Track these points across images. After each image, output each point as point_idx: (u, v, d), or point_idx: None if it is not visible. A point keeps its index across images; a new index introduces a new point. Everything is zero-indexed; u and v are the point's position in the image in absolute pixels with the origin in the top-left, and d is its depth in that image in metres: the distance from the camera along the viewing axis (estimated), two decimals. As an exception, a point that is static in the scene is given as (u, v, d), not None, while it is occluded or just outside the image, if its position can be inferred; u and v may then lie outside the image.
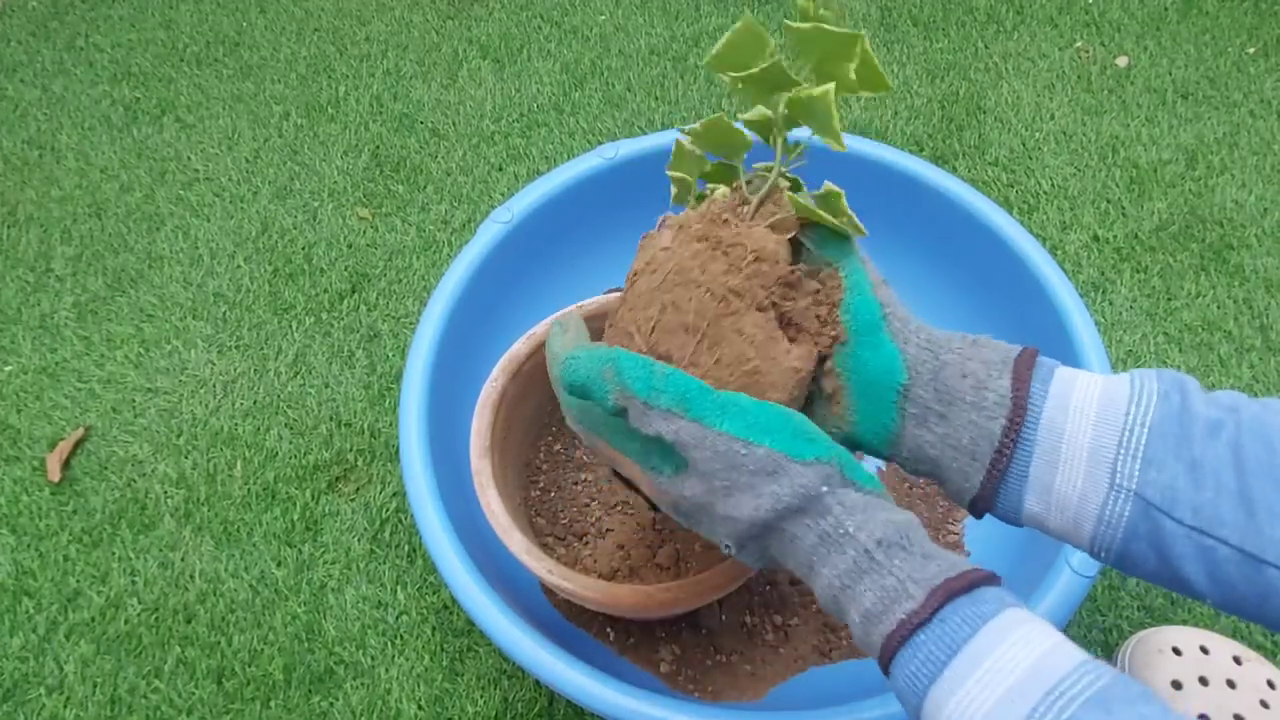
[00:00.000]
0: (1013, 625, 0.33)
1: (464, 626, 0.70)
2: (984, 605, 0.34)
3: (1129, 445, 0.35)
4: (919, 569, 0.35)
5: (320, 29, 1.17)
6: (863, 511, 0.36)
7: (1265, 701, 0.60)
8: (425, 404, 0.65)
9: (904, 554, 0.35)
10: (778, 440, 0.36)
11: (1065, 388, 0.37)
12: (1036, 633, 0.33)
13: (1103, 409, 0.36)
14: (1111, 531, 0.36)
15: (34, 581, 0.74)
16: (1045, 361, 0.39)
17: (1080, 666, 0.31)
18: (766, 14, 1.15)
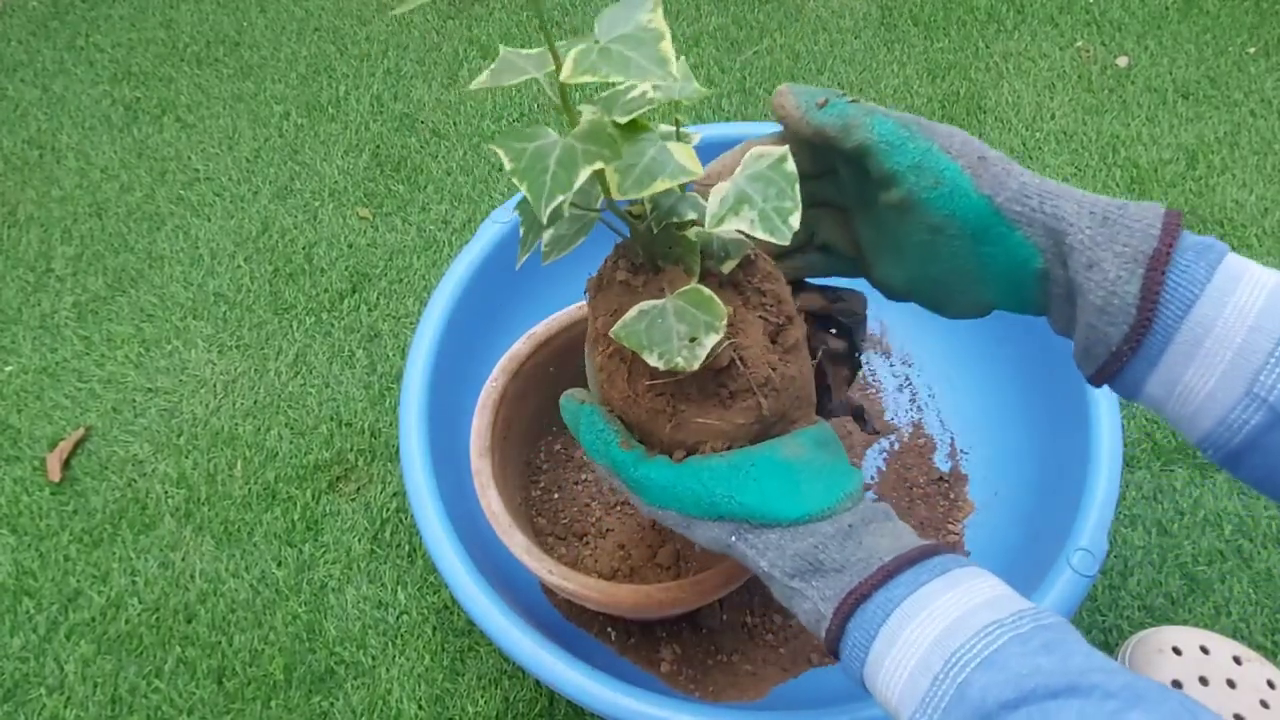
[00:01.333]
0: (913, 613, 0.35)
1: (464, 626, 0.70)
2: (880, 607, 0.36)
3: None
4: (830, 585, 0.38)
5: (321, 29, 1.17)
6: (775, 549, 0.39)
7: (1265, 701, 0.60)
8: (425, 404, 0.65)
9: (816, 575, 0.38)
10: (684, 505, 0.41)
11: (1229, 283, 0.34)
12: (941, 609, 0.35)
13: (1264, 314, 0.33)
14: (1230, 435, 0.35)
15: (34, 581, 0.74)
16: (1205, 248, 0.35)
17: (982, 630, 0.33)
18: (766, 13, 1.15)
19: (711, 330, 0.37)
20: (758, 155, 0.39)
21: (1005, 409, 0.74)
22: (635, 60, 0.33)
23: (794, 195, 0.37)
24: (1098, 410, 0.62)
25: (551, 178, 0.34)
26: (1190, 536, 0.72)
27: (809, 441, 0.42)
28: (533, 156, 0.35)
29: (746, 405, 0.42)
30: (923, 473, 0.74)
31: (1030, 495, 0.69)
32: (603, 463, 0.44)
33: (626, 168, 0.36)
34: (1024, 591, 0.56)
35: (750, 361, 0.41)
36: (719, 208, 0.37)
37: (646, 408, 0.42)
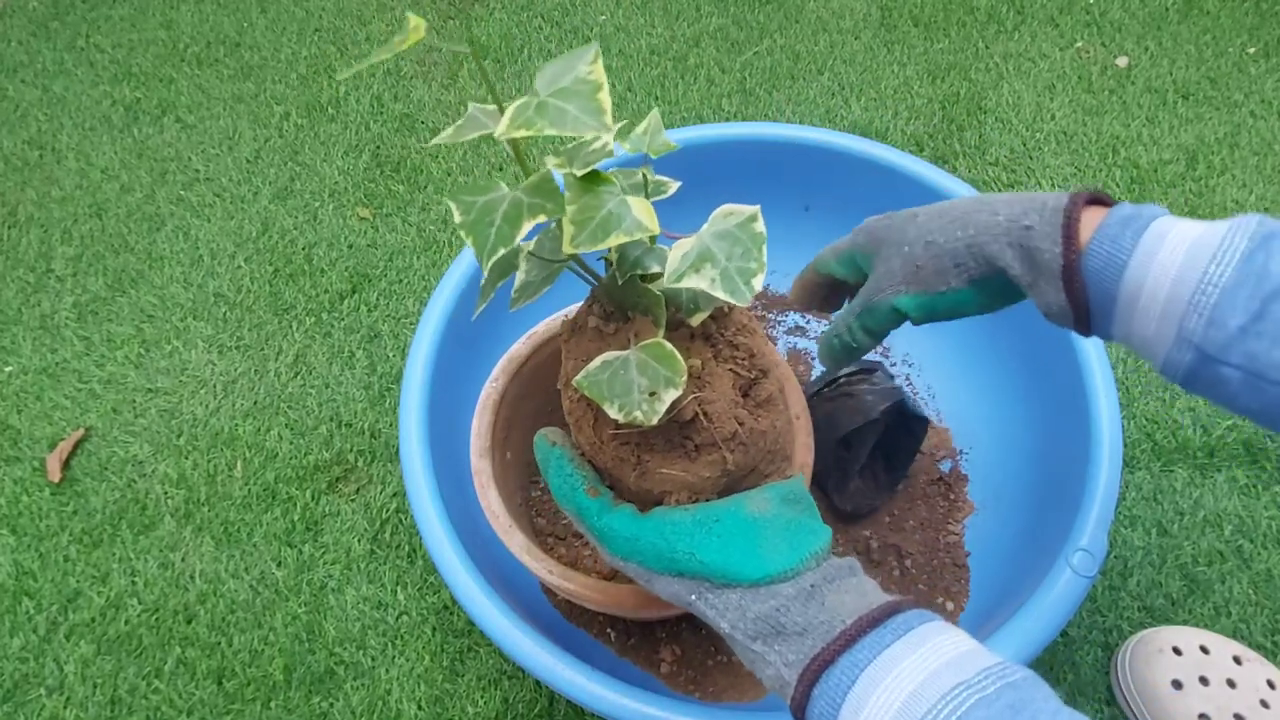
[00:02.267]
0: (878, 678, 0.34)
1: (464, 627, 0.70)
2: (845, 673, 0.35)
3: (1198, 304, 0.37)
4: (793, 650, 0.37)
5: (321, 29, 1.17)
6: (735, 610, 0.39)
7: (1265, 701, 0.60)
8: (425, 404, 0.65)
9: (779, 639, 0.38)
10: (645, 560, 0.41)
11: (1155, 243, 0.38)
12: (906, 673, 0.34)
13: (1185, 266, 0.37)
14: (1175, 371, 0.39)
15: (34, 582, 0.74)
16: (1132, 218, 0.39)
17: (948, 694, 0.33)
18: (766, 14, 1.15)
19: (671, 385, 0.37)
20: (726, 213, 0.38)
21: (1005, 409, 0.74)
22: (571, 113, 0.32)
23: (759, 257, 0.36)
24: (1098, 411, 0.62)
25: (496, 231, 0.34)
26: (1190, 537, 0.72)
27: (776, 498, 0.42)
28: (481, 210, 0.35)
29: (712, 459, 0.41)
30: (923, 473, 0.74)
31: (1030, 495, 0.69)
32: (569, 507, 0.44)
33: (583, 220, 0.35)
34: (1024, 591, 0.57)
35: (715, 416, 0.41)
36: (679, 264, 0.37)
37: (612, 455, 0.42)
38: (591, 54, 0.34)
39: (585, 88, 0.33)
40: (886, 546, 0.70)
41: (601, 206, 0.36)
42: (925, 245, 0.44)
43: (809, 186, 0.81)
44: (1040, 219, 0.41)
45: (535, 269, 0.43)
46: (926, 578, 0.69)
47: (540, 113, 0.33)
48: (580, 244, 0.35)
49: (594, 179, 0.37)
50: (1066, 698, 0.66)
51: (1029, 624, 0.54)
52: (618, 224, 0.35)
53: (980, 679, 0.33)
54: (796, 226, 0.84)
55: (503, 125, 0.33)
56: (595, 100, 0.33)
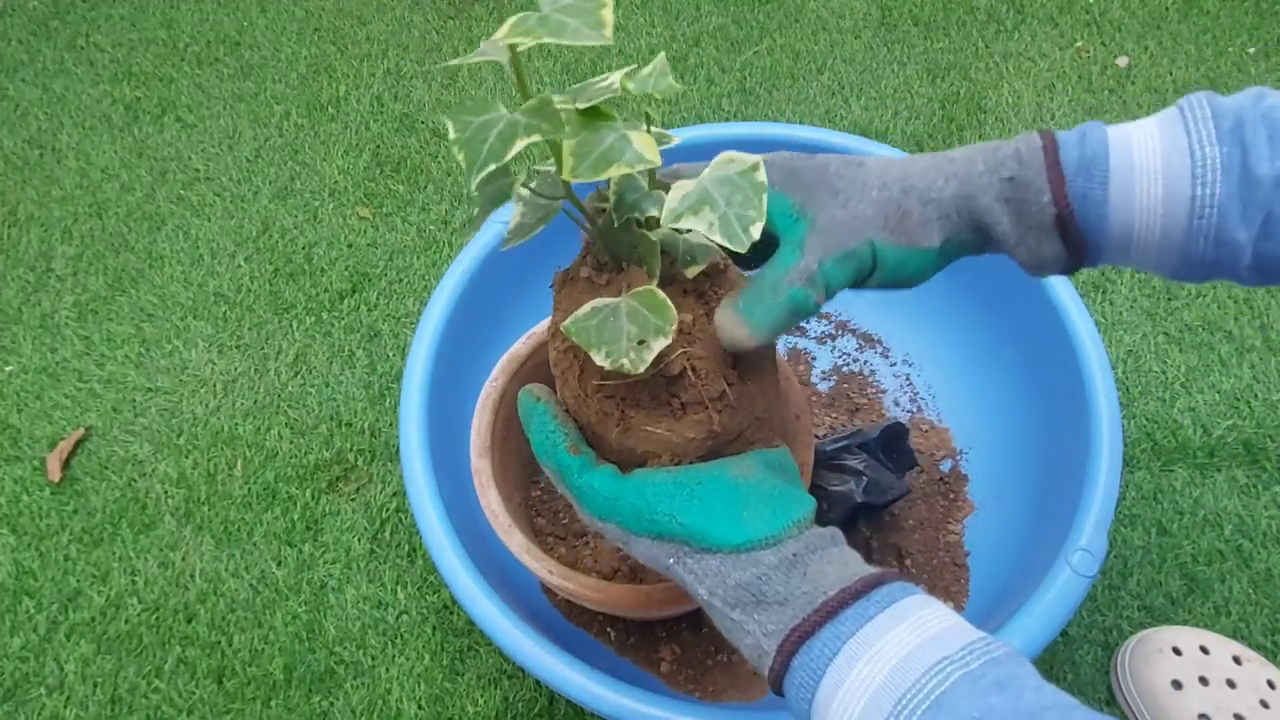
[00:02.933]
0: (860, 651, 0.33)
1: (464, 626, 0.70)
2: (826, 645, 0.34)
3: (1199, 228, 0.36)
4: (773, 619, 0.36)
5: (321, 29, 1.17)
6: (714, 576, 0.38)
7: (1265, 701, 0.60)
8: (425, 404, 0.65)
9: (759, 608, 0.37)
10: (625, 520, 0.40)
11: (1125, 173, 0.36)
12: (889, 647, 0.33)
13: (1169, 200, 0.36)
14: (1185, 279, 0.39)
15: (34, 581, 0.74)
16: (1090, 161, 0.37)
17: (932, 669, 0.32)
18: (766, 13, 1.15)
19: (660, 334, 0.36)
20: (728, 160, 0.37)
21: (1005, 408, 0.74)
22: (572, 25, 0.32)
23: (759, 205, 0.36)
24: (1098, 411, 0.62)
25: (488, 148, 0.33)
26: (1190, 536, 0.72)
27: (760, 463, 0.41)
28: (477, 129, 0.34)
29: (698, 419, 0.40)
30: (923, 472, 0.74)
31: (1030, 495, 0.69)
32: (549, 464, 0.43)
33: (583, 152, 0.35)
34: (1024, 591, 0.57)
35: (704, 373, 0.40)
36: (679, 204, 0.36)
37: (596, 409, 0.41)
38: None
39: (589, 4, 0.33)
40: (886, 546, 0.70)
41: (602, 141, 0.35)
42: (905, 191, 0.40)
43: (809, 186, 0.81)
44: (1020, 167, 0.38)
45: (530, 210, 0.41)
46: (926, 577, 0.69)
47: (541, 24, 0.32)
48: (580, 173, 0.34)
49: (596, 114, 0.36)
50: (1066, 697, 0.66)
51: (1029, 624, 0.54)
52: (619, 155, 0.34)
53: (964, 654, 0.32)
54: (796, 226, 0.84)
55: (503, 31, 0.32)
56: (598, 15, 0.32)
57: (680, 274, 0.41)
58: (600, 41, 0.31)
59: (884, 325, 0.82)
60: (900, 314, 0.81)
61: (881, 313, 0.82)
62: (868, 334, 0.82)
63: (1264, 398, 0.79)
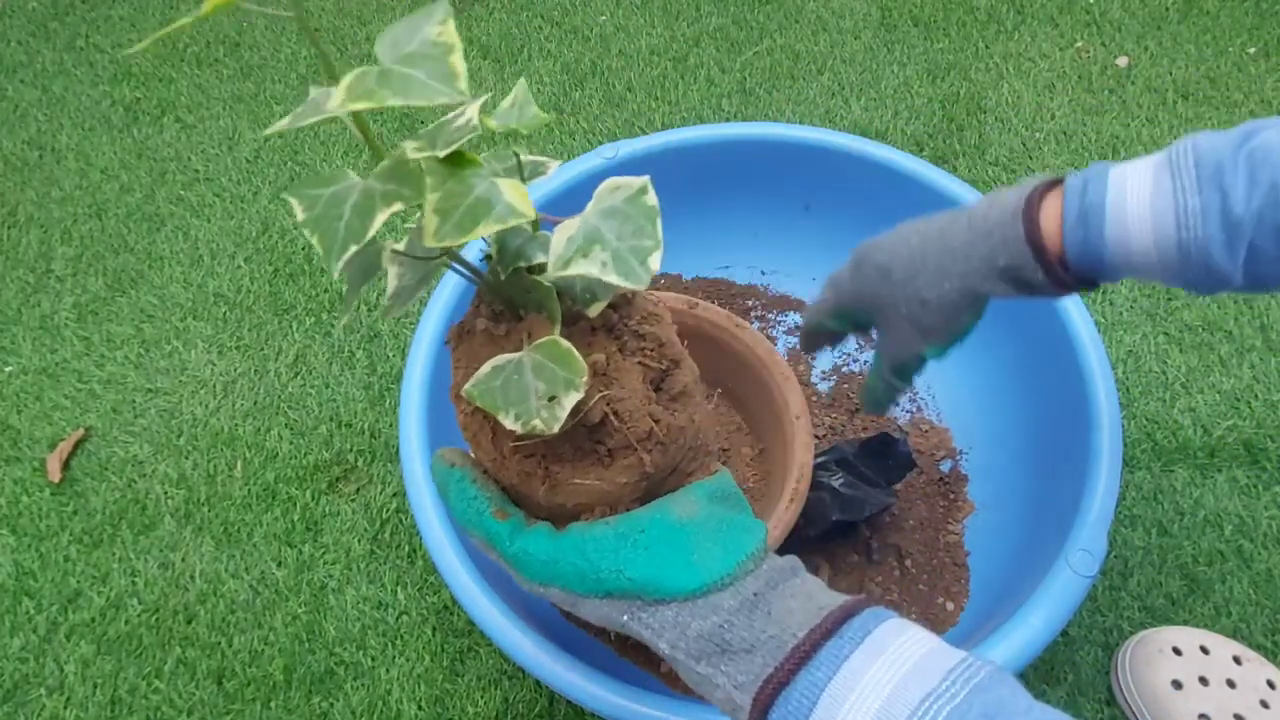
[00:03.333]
0: (841, 696, 0.32)
1: (464, 627, 0.70)
2: (805, 694, 0.33)
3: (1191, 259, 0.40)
4: (742, 670, 0.34)
5: (320, 29, 1.17)
6: (673, 628, 0.35)
7: (1265, 701, 0.60)
8: (425, 404, 0.65)
9: (725, 658, 0.34)
10: (568, 583, 0.37)
11: (1119, 221, 0.41)
12: (870, 689, 0.32)
13: (1161, 246, 0.41)
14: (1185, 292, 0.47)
15: (34, 582, 0.74)
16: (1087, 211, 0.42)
17: (917, 709, 0.31)
18: (766, 13, 1.15)
19: (571, 388, 0.33)
20: (612, 188, 0.34)
21: (1005, 409, 0.74)
22: (418, 79, 0.28)
23: (654, 233, 0.32)
24: (1098, 411, 0.62)
25: (345, 226, 0.30)
26: (1190, 537, 0.72)
27: (703, 497, 0.38)
28: (328, 203, 0.30)
29: (628, 463, 0.37)
30: (922, 472, 0.74)
31: (1030, 495, 0.69)
32: (476, 533, 0.40)
33: (447, 208, 0.31)
34: (1024, 591, 0.57)
35: (627, 415, 0.37)
36: (565, 249, 0.32)
37: (516, 470, 0.38)
38: (440, 12, 0.30)
39: (435, 51, 0.29)
40: (886, 546, 0.70)
41: (468, 192, 0.31)
42: (921, 306, 0.47)
43: (809, 186, 0.81)
44: (1008, 252, 0.44)
45: (408, 271, 0.37)
46: (926, 578, 0.69)
47: (383, 81, 0.28)
48: (445, 236, 0.30)
49: (458, 161, 0.32)
50: (1066, 697, 0.66)
51: (1029, 624, 0.54)
52: (486, 211, 0.30)
53: (947, 686, 0.31)
54: (796, 226, 0.84)
55: (337, 98, 0.28)
56: (447, 63, 0.29)
57: (584, 312, 0.38)
58: (452, 98, 0.28)
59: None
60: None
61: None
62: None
63: (1264, 398, 0.79)
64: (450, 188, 0.31)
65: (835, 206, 0.81)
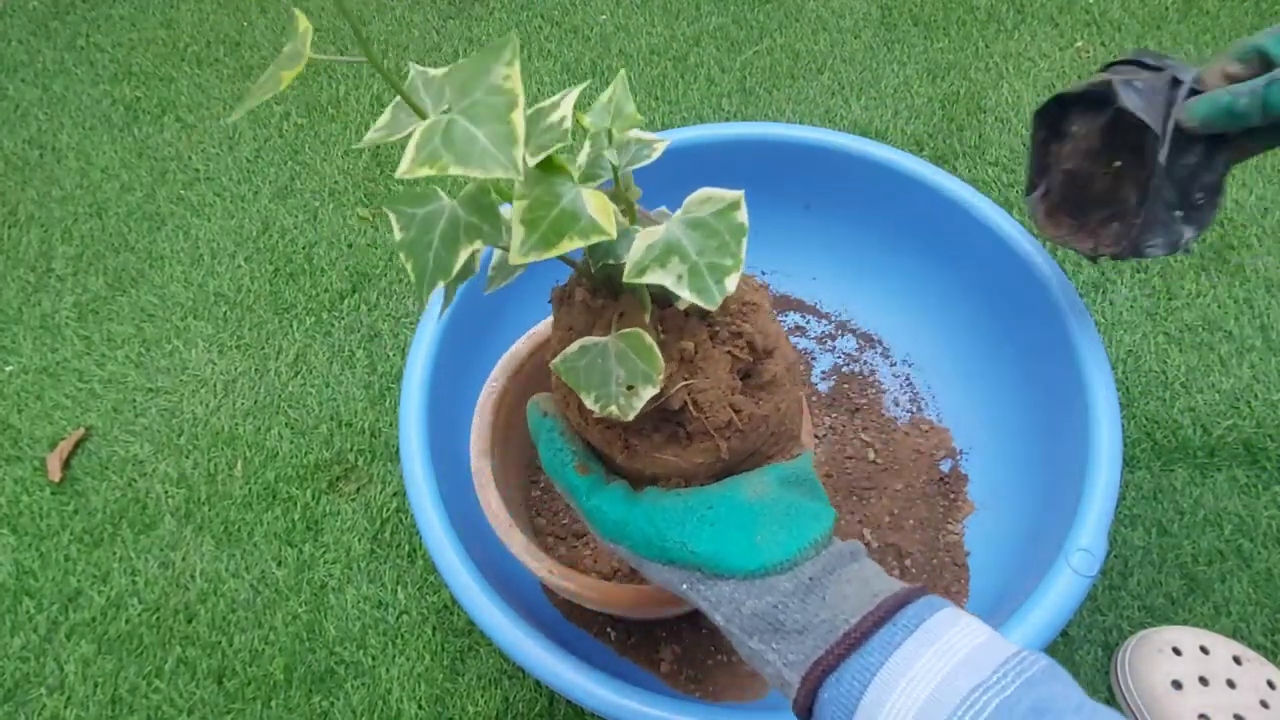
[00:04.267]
0: (891, 682, 0.32)
1: (464, 626, 0.70)
2: (856, 678, 0.33)
3: None
4: (793, 649, 0.35)
5: (321, 29, 1.17)
6: (729, 603, 0.37)
7: (1265, 701, 0.60)
8: (425, 404, 0.65)
9: (777, 637, 0.35)
10: (636, 544, 0.39)
11: None
12: (919, 677, 0.32)
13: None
14: None
15: (35, 581, 0.74)
16: None
17: (966, 699, 0.31)
18: (766, 13, 1.15)
19: (649, 383, 0.34)
20: (703, 199, 0.33)
21: (1005, 409, 0.74)
22: (479, 145, 0.27)
23: (737, 252, 0.31)
24: (1098, 411, 0.62)
25: (434, 257, 0.30)
26: (1190, 536, 0.72)
27: (775, 480, 0.39)
28: (420, 227, 0.30)
29: (705, 446, 0.38)
30: (922, 472, 0.74)
31: (1030, 495, 0.69)
32: (558, 483, 0.42)
33: (534, 219, 0.30)
34: (1024, 591, 0.57)
35: (707, 405, 0.37)
36: (643, 255, 0.32)
37: (598, 437, 0.40)
38: (508, 53, 0.28)
39: (498, 101, 0.27)
40: (886, 546, 0.70)
41: (555, 202, 0.31)
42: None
43: (809, 186, 0.81)
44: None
45: None
46: (926, 577, 0.69)
47: (447, 141, 0.27)
48: (529, 252, 0.30)
49: (548, 166, 0.31)
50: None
51: (1029, 624, 0.54)
52: (572, 224, 0.30)
53: (998, 678, 0.31)
54: (796, 226, 0.84)
55: (405, 164, 0.28)
56: (509, 122, 0.27)
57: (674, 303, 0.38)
58: (507, 172, 0.27)
59: (884, 325, 0.82)
60: (900, 314, 0.82)
61: (881, 313, 0.82)
62: (868, 334, 0.82)
63: (1264, 398, 0.79)
64: (538, 195, 0.31)
65: (835, 206, 0.81)
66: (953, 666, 0.32)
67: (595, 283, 0.39)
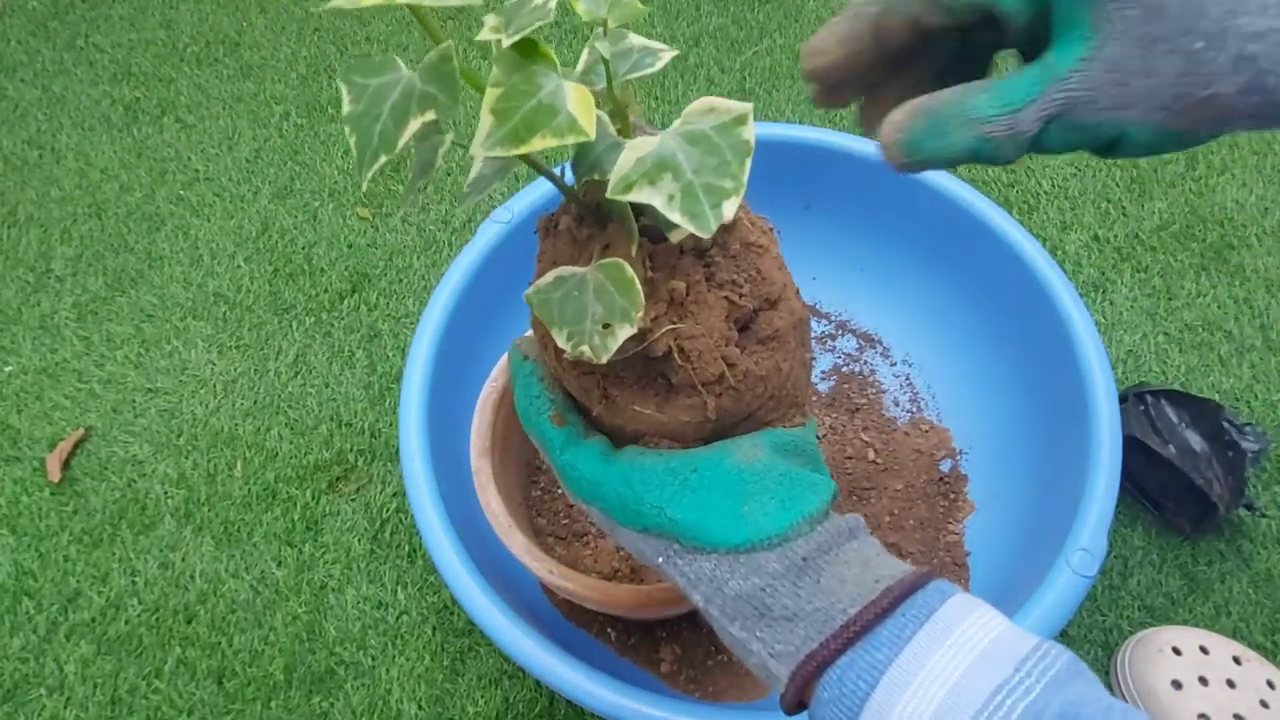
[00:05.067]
0: (903, 682, 0.28)
1: (464, 626, 0.70)
2: (862, 676, 0.29)
3: None
4: (781, 639, 0.31)
5: (320, 29, 1.17)
6: (709, 582, 0.32)
7: (1265, 701, 0.60)
8: (425, 404, 0.65)
9: (763, 624, 0.31)
10: (609, 506, 0.35)
11: None
12: (934, 677, 0.28)
13: None
14: None
15: (34, 582, 0.74)
16: None
17: (988, 701, 0.28)
18: (766, 13, 1.15)
19: (626, 320, 0.30)
20: (706, 109, 0.29)
21: (1005, 409, 0.74)
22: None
23: (739, 173, 0.27)
24: (1098, 410, 0.62)
25: (379, 132, 0.27)
26: (1190, 536, 0.72)
27: (770, 446, 0.35)
28: (371, 98, 0.27)
29: (691, 402, 0.34)
30: (922, 472, 0.74)
31: (1030, 495, 0.69)
32: (532, 433, 0.37)
33: (506, 110, 0.27)
34: (1024, 591, 0.57)
35: (695, 354, 0.33)
36: (630, 169, 0.27)
37: (576, 384, 0.36)
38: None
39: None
40: (886, 546, 0.70)
41: (534, 93, 0.27)
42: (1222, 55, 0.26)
43: (809, 186, 0.81)
44: None
45: (488, 161, 0.34)
46: (926, 577, 0.69)
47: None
48: (495, 145, 0.27)
49: (529, 52, 0.28)
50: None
51: (1029, 624, 0.54)
52: (548, 119, 0.26)
53: (1021, 678, 0.28)
54: (796, 226, 0.84)
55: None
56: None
57: (665, 234, 0.33)
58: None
59: (884, 325, 0.82)
60: (900, 314, 0.81)
61: (881, 313, 0.82)
62: (868, 334, 0.82)
63: (1264, 398, 0.79)
64: (515, 84, 0.27)
65: (835, 206, 0.81)
66: (970, 663, 0.28)
67: (583, 209, 0.35)
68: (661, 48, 0.32)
